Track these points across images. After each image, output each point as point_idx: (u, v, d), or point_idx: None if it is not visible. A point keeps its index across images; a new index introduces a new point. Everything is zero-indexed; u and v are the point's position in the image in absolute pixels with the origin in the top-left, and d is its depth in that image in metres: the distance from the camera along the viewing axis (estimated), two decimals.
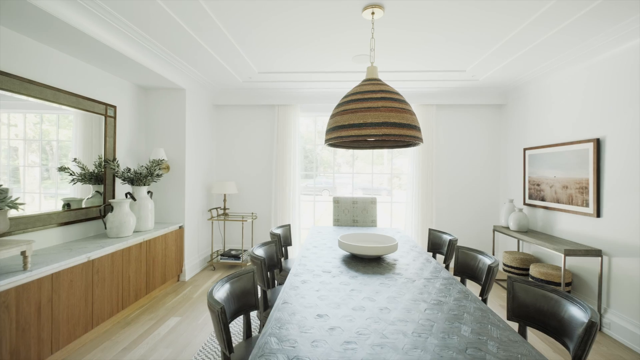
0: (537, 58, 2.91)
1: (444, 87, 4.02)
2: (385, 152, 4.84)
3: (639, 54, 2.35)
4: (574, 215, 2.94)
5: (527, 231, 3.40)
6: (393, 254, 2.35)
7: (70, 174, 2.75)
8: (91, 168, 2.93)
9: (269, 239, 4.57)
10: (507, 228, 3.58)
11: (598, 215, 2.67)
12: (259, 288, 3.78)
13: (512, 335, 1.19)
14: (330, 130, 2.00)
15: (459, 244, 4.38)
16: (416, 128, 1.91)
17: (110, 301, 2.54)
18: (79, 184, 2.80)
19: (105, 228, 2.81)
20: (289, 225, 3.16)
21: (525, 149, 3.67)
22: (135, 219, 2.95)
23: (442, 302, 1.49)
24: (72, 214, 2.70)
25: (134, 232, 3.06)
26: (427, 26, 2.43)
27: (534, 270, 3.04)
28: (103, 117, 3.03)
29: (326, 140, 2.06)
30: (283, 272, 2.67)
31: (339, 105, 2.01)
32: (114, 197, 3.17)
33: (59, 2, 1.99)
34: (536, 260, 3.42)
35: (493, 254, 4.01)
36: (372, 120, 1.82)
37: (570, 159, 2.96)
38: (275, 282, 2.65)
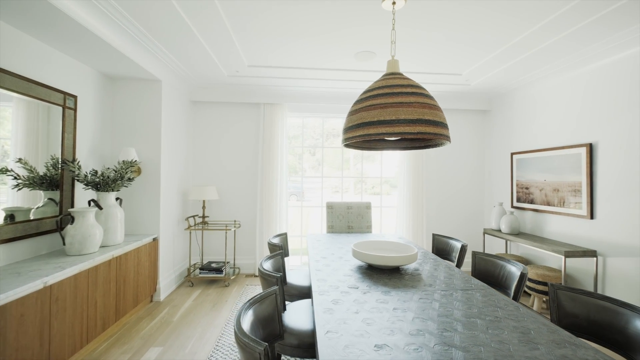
0: (535, 63, 2.97)
1: (436, 91, 4.03)
2: (351, 157, 4.73)
3: (633, 63, 2.48)
4: (566, 217, 3.04)
5: (518, 233, 3.47)
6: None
7: (15, 177, 2.21)
8: (41, 170, 2.40)
9: (253, 249, 4.20)
10: (499, 231, 3.63)
11: (592, 217, 2.77)
12: None
13: (599, 356, 1.07)
14: (353, 127, 1.79)
15: None
16: (447, 127, 1.78)
17: (73, 335, 2.04)
18: (24, 189, 2.25)
19: (64, 244, 2.29)
20: (286, 234, 2.88)
21: (512, 154, 3.78)
22: (102, 232, 2.46)
23: (499, 317, 1.34)
24: (19, 228, 2.16)
25: (100, 247, 2.55)
26: (432, 25, 2.34)
27: (530, 272, 3.08)
28: (61, 109, 2.51)
29: (346, 139, 1.85)
30: (285, 287, 2.38)
31: (362, 100, 1.81)
32: (73, 206, 2.63)
33: None
34: (526, 261, 3.50)
35: None
36: (406, 116, 1.64)
37: (561, 163, 3.06)
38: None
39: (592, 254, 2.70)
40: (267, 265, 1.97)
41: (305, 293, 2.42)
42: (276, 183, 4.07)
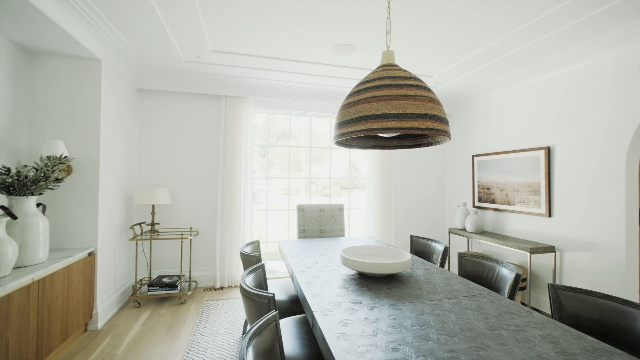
0: (509, 65, 3.00)
1: None
2: (303, 159, 4.61)
3: (586, 74, 2.73)
4: (526, 215, 3.25)
5: (482, 232, 3.63)
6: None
7: None
8: None
9: (212, 259, 3.73)
10: (464, 230, 3.77)
11: (550, 215, 2.99)
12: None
13: None
14: (352, 121, 1.59)
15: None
16: (448, 124, 1.69)
17: None
18: None
19: None
20: (258, 241, 2.56)
21: (474, 156, 3.97)
22: (16, 248, 1.87)
23: (520, 326, 1.25)
24: None
25: (14, 268, 1.95)
26: (415, 19, 2.28)
27: None
28: None
29: (343, 135, 1.64)
30: None
31: (361, 91, 1.63)
32: None
33: None
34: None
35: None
36: (413, 110, 1.50)
37: (521, 165, 3.27)
38: None
39: (551, 249, 2.90)
40: (249, 281, 1.66)
41: (285, 309, 2.15)
42: (240, 185, 3.69)
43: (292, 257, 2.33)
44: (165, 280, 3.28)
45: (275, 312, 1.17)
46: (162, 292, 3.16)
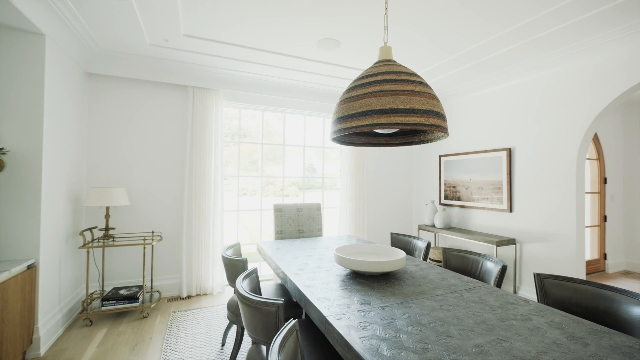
0: (485, 68, 3.15)
1: None
2: (259, 159, 4.52)
3: (542, 84, 3.03)
4: (489, 211, 3.52)
5: (449, 228, 3.85)
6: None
7: None
8: None
9: (177, 266, 3.39)
10: (432, 226, 3.96)
11: (511, 210, 3.27)
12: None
13: (634, 340, 1.12)
14: (357, 115, 1.54)
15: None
16: (447, 122, 1.72)
17: None
18: None
19: None
20: (239, 244, 2.39)
21: (440, 156, 4.19)
22: None
23: (525, 316, 1.31)
24: None
25: None
26: (401, 17, 2.31)
27: None
28: None
29: (346, 129, 1.57)
30: None
31: (365, 85, 1.58)
32: None
33: None
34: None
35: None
36: (420, 106, 1.49)
37: (485, 165, 3.53)
38: None
39: (513, 241, 3.17)
40: (247, 287, 1.51)
41: None
42: (209, 184, 3.41)
43: (279, 259, 2.19)
44: (122, 292, 2.89)
45: (295, 321, 1.06)
46: (120, 305, 2.77)
